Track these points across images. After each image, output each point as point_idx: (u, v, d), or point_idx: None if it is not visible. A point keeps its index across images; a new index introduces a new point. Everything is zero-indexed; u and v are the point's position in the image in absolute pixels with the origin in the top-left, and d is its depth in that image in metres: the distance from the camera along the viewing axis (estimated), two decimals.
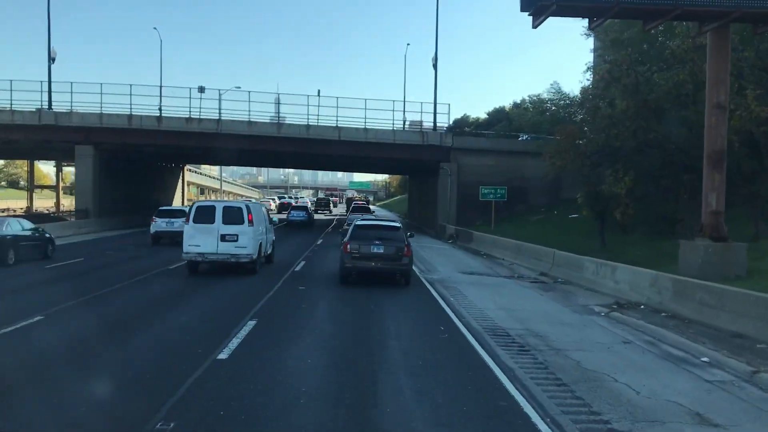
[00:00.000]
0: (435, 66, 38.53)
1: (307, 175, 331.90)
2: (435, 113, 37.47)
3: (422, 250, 26.79)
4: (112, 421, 5.99)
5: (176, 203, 54.72)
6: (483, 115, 76.10)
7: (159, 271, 17.46)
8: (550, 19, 15.50)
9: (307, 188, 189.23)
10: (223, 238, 16.41)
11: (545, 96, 71.98)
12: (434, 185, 40.31)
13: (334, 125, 36.79)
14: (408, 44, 58.19)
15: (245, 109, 36.70)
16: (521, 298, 14.59)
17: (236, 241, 16.50)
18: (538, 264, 20.24)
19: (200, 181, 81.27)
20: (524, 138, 40.44)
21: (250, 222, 16.71)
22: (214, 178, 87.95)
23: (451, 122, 38.02)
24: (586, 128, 25.94)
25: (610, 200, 21.72)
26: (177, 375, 7.26)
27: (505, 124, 52.09)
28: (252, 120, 36.59)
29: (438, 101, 37.64)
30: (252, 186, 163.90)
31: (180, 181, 56.16)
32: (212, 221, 16.41)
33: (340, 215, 70.36)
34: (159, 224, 27.15)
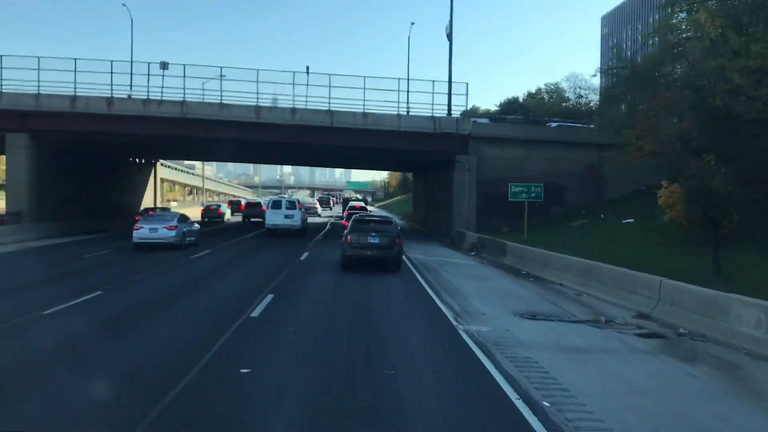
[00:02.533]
0: (449, 36, 31.56)
1: (305, 176, 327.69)
2: (450, 94, 30.56)
3: (443, 268, 19.81)
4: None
5: (147, 205, 47.80)
6: (493, 107, 69.29)
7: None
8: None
9: (303, 188, 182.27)
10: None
11: (563, 85, 65.32)
12: (448, 183, 33.36)
13: (326, 108, 29.87)
14: (412, 23, 50.54)
15: (216, 89, 29.81)
16: (675, 396, 7.46)
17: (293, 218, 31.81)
18: (628, 298, 13.28)
19: (179, 178, 74.30)
20: (558, 124, 33.45)
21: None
22: (194, 174, 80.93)
23: (468, 107, 31.20)
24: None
25: (726, 202, 14.69)
26: None
27: (520, 115, 45.38)
28: (225, 102, 29.64)
29: (453, 80, 30.76)
30: (246, 186, 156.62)
31: (152, 178, 49.14)
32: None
33: (336, 216, 63.36)
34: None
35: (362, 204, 55.66)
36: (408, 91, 30.22)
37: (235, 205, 56.31)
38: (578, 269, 16.18)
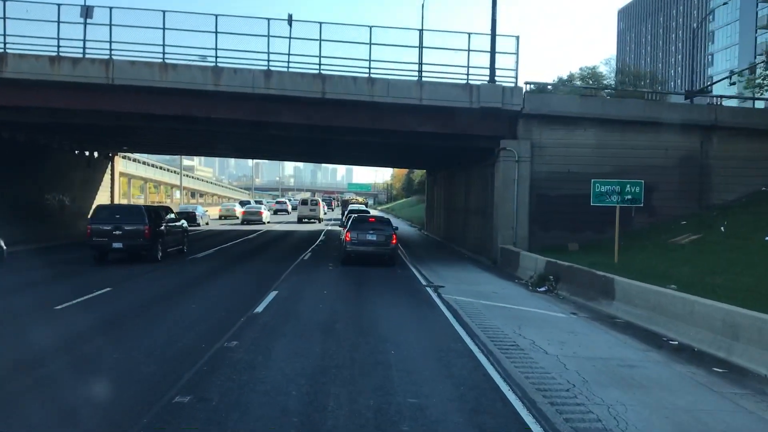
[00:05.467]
0: None
1: (306, 178, 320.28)
2: (493, 51, 21.34)
3: (518, 332, 10.46)
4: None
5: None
6: None
7: None
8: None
9: (302, 190, 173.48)
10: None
11: (602, 69, 56.16)
12: (484, 181, 24.24)
13: (316, 71, 20.80)
14: None
15: (157, 42, 20.75)
16: None
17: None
18: None
19: (155, 176, 65.44)
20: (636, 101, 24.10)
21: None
22: (172, 172, 71.94)
23: (518, 72, 21.90)
24: None
25: None
26: None
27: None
28: (168, 62, 20.59)
29: (497, 32, 21.49)
30: (244, 189, 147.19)
31: (110, 175, 40.02)
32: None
33: (335, 220, 54.34)
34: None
35: (363, 207, 47.55)
36: (420, 46, 21.10)
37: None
38: None
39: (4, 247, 18.45)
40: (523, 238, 21.38)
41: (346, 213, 37.42)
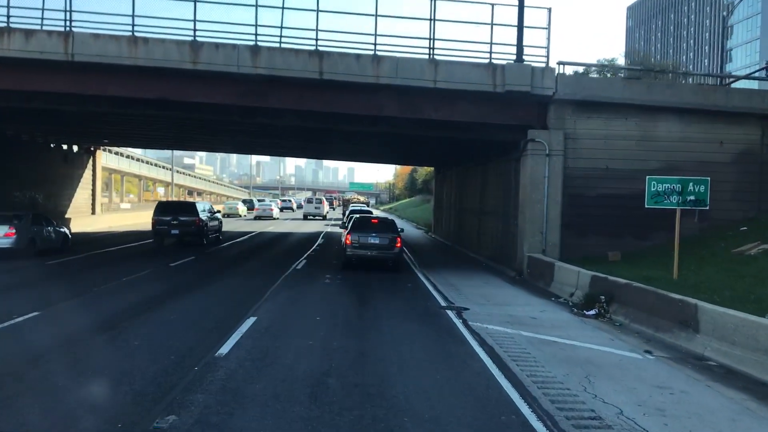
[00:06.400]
0: None
1: (308, 177, 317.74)
2: (521, 24, 18.14)
3: (570, 375, 7.23)
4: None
5: (81, 204, 35.74)
6: None
7: None
8: None
9: (303, 189, 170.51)
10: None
11: (621, 62, 52.88)
12: (507, 178, 21.09)
13: (313, 48, 17.65)
14: None
15: (125, 13, 17.67)
16: None
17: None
18: None
19: (146, 173, 62.45)
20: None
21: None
22: (162, 168, 68.96)
23: (549, 51, 18.65)
24: None
25: None
26: None
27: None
28: (138, 35, 17.44)
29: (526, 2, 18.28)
30: (243, 187, 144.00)
31: (91, 170, 36.89)
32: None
33: (335, 220, 51.22)
34: None
35: (365, 207, 44.84)
36: (432, 18, 17.96)
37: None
38: None
39: (69, 236, 22.57)
40: (553, 245, 18.21)
41: (347, 213, 34.26)
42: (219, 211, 30.83)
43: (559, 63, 18.26)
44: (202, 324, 10.24)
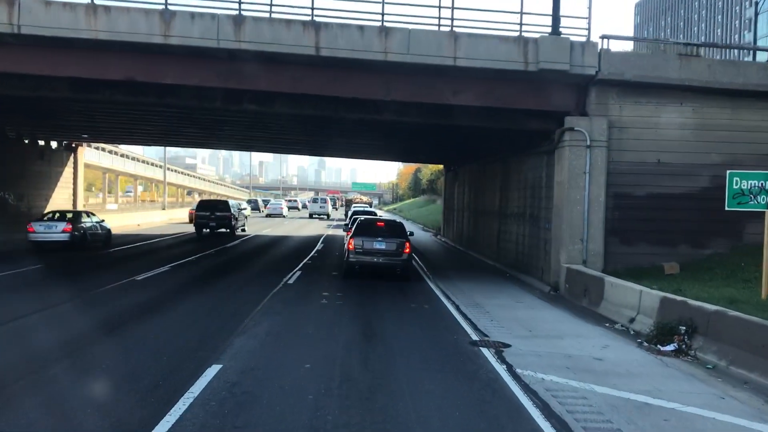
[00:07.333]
0: None
1: (311, 177, 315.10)
2: None
3: None
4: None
5: (60, 204, 32.75)
6: None
7: None
8: None
9: (305, 189, 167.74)
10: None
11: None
12: (537, 174, 18.09)
13: (307, 19, 14.68)
14: None
15: None
16: None
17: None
18: None
19: (141, 172, 59.65)
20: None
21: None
22: (159, 167, 66.08)
23: (590, 26, 15.74)
24: None
25: None
26: None
27: None
28: (99, 3, 14.50)
29: None
30: (244, 187, 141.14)
31: (72, 168, 33.96)
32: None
33: (337, 220, 48.33)
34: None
35: (368, 208, 42.10)
36: None
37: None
38: None
39: (110, 230, 25.15)
40: (596, 254, 15.22)
41: (350, 214, 31.22)
42: (245, 208, 38.33)
43: (603, 37, 15.24)
44: (139, 380, 7.29)
